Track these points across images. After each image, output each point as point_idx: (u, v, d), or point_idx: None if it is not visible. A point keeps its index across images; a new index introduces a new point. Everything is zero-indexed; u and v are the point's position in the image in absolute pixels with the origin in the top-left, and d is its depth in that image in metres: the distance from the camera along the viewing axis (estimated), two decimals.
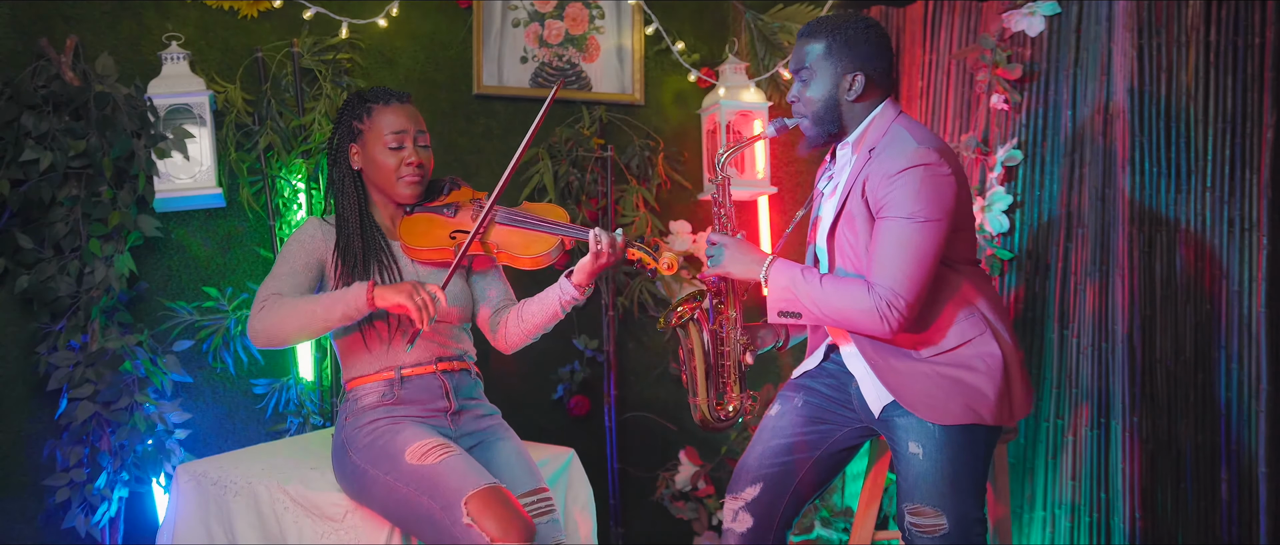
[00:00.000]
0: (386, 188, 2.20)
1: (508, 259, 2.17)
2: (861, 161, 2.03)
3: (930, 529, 1.98)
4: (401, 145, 2.17)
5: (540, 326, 2.22)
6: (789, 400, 2.23)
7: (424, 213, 2.23)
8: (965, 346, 2.00)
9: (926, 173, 1.93)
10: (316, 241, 2.16)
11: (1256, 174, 2.69)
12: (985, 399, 1.98)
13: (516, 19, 3.21)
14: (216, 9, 2.85)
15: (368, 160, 2.19)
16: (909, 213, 1.92)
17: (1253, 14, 2.68)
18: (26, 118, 2.50)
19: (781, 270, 2.03)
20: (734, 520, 2.18)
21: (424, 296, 1.97)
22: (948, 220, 1.95)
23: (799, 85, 2.11)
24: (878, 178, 1.96)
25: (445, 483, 1.91)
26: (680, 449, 3.35)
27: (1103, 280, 2.83)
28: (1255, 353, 2.69)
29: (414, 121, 2.20)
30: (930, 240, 1.93)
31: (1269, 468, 2.67)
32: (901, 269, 1.92)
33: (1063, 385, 2.92)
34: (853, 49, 2.05)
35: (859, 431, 2.19)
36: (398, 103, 2.20)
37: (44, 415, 2.63)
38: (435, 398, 2.16)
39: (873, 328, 1.95)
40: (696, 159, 3.42)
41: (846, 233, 2.04)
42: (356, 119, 2.19)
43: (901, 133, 2.01)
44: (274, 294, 2.06)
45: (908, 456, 2.02)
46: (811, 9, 3.35)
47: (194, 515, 2.24)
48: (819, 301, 1.98)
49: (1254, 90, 2.69)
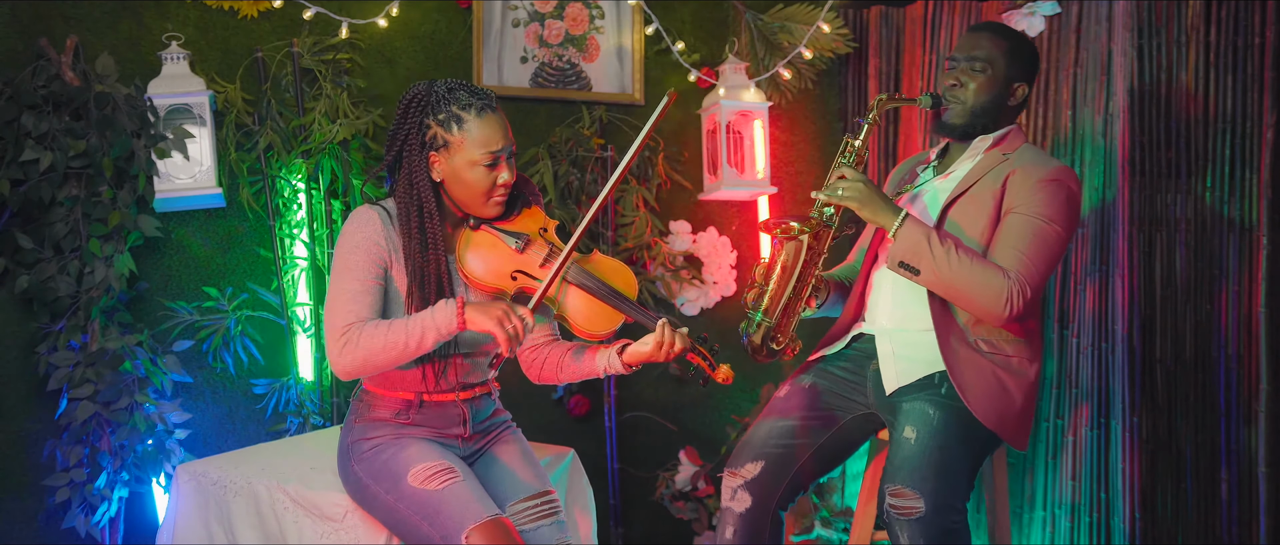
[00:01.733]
0: (471, 206, 2.00)
1: (562, 319, 2.02)
2: (994, 160, 2.18)
3: (907, 511, 1.98)
4: (496, 163, 1.96)
5: (572, 378, 2.13)
6: (801, 383, 2.27)
7: (490, 234, 2.02)
8: (1015, 360, 2.13)
9: (1070, 189, 2.12)
10: (380, 245, 1.95)
11: (1256, 174, 2.69)
12: (1012, 410, 2.10)
13: (516, 19, 3.21)
14: (216, 9, 2.85)
15: (452, 175, 1.96)
16: (1050, 216, 2.08)
17: (1253, 14, 2.68)
18: (26, 118, 2.50)
19: (916, 224, 2.09)
20: (733, 498, 2.18)
21: (516, 324, 1.84)
22: (1071, 238, 2.14)
23: (968, 73, 2.18)
24: (1024, 178, 2.11)
25: (448, 512, 1.86)
26: (680, 449, 3.35)
27: (1103, 280, 2.83)
28: (1255, 353, 2.69)
29: (507, 134, 1.98)
30: (1059, 247, 2.09)
31: (1269, 468, 2.67)
32: (1034, 262, 2.05)
33: (1063, 385, 2.92)
34: (1028, 62, 2.22)
35: (864, 420, 2.23)
36: (491, 112, 1.96)
37: (44, 415, 2.63)
38: (451, 424, 2.08)
39: (992, 307, 2.04)
40: (696, 159, 3.42)
41: (967, 208, 2.15)
42: (444, 127, 1.94)
43: (1037, 150, 2.21)
44: (354, 324, 1.90)
45: (900, 440, 2.06)
46: (811, 9, 3.35)
47: (194, 515, 2.24)
48: (949, 264, 2.04)
49: (1254, 90, 2.69)
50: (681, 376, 3.38)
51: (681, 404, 3.40)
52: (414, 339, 1.87)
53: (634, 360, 2.04)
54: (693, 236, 3.39)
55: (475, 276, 1.99)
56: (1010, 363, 2.12)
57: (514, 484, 2.05)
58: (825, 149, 3.58)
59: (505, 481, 2.06)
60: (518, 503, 2.02)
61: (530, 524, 1.99)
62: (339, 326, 1.90)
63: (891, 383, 2.17)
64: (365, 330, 1.89)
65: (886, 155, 3.51)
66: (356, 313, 1.91)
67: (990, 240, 2.12)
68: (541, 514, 2.01)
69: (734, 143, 3.30)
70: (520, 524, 1.98)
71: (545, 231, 2.06)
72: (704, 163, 3.40)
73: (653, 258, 3.30)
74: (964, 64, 2.19)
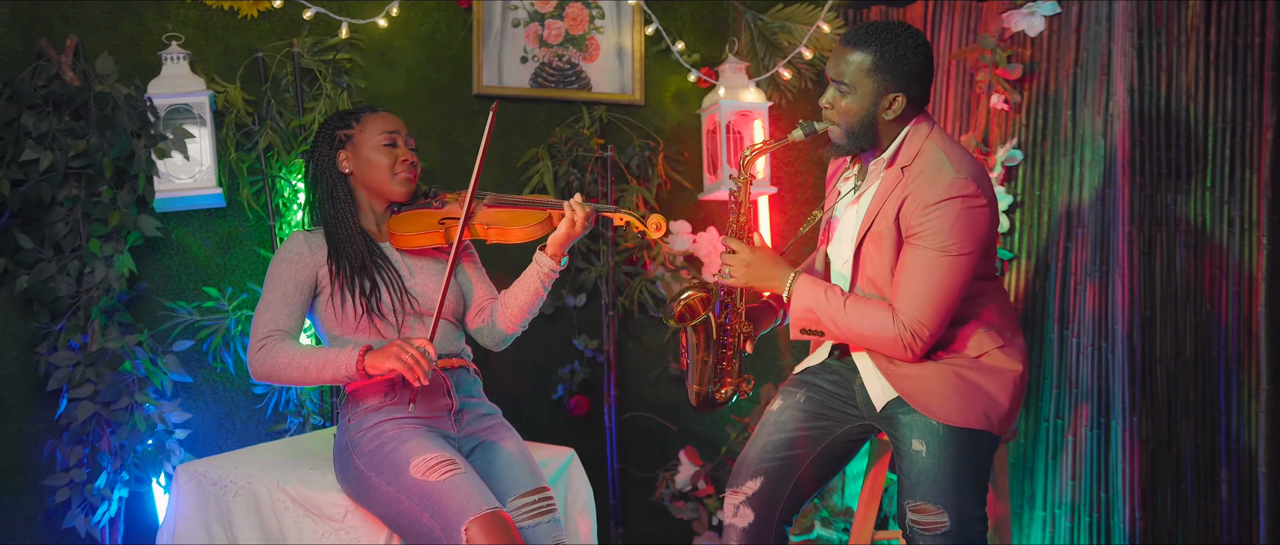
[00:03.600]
0: (381, 185, 2.22)
1: (499, 235, 2.19)
2: (893, 180, 2.02)
3: (932, 527, 1.99)
4: (394, 142, 2.22)
5: (525, 309, 2.22)
6: (791, 396, 2.24)
7: (411, 209, 2.27)
8: (984, 357, 2.05)
9: (963, 206, 1.94)
10: (304, 259, 2.14)
11: (1256, 174, 2.69)
12: (999, 407, 2.04)
13: (516, 19, 3.21)
14: (216, 9, 2.84)
15: (360, 162, 2.22)
16: (942, 245, 1.94)
17: (1253, 14, 2.68)
18: (26, 118, 2.50)
19: (805, 289, 2.03)
20: (735, 515, 2.17)
21: (413, 353, 1.93)
22: (979, 251, 1.99)
23: (835, 93, 2.05)
24: (914, 204, 1.96)
25: (448, 502, 1.90)
26: (680, 449, 3.35)
27: (1103, 280, 2.83)
28: (1255, 353, 2.69)
29: (401, 125, 2.27)
30: (960, 274, 1.96)
31: (1269, 468, 2.67)
32: (928, 300, 1.95)
33: (1063, 385, 2.92)
34: (898, 68, 1.99)
35: (860, 429, 2.20)
36: (383, 110, 2.28)
37: (44, 415, 2.63)
38: (437, 395, 2.15)
39: (894, 353, 2.00)
40: (696, 159, 3.42)
41: (872, 251, 2.05)
42: (344, 127, 2.23)
43: (937, 155, 1.99)
44: (272, 333, 2.06)
45: (911, 454, 2.03)
46: (811, 9, 3.36)
47: (194, 515, 2.24)
48: (842, 323, 2.01)
49: (1254, 90, 2.69)
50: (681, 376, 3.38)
51: (681, 404, 3.40)
52: (314, 367, 2.00)
53: (555, 248, 2.17)
54: (693, 236, 3.39)
55: (406, 237, 2.19)
56: (978, 362, 2.04)
57: (511, 480, 2.07)
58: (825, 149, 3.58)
59: (503, 477, 2.08)
60: (515, 498, 2.04)
61: (527, 521, 2.01)
62: (259, 334, 2.07)
63: (879, 399, 2.11)
64: (281, 345, 2.04)
65: None
66: (276, 322, 2.08)
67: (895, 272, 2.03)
68: (538, 511, 2.03)
69: (734, 143, 3.30)
70: (517, 520, 2.00)
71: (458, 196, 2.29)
72: (704, 163, 3.40)
73: (653, 258, 3.30)
74: (831, 85, 2.07)
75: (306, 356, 2.02)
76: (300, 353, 2.02)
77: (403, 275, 2.19)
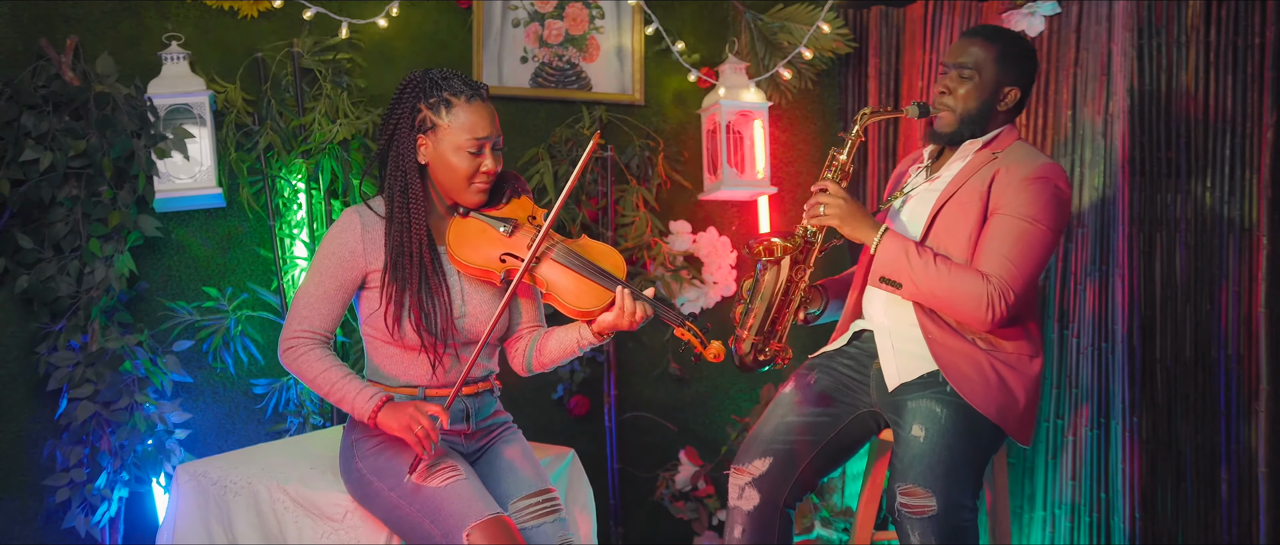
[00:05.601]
0: (453, 191, 2.04)
1: (552, 301, 2.04)
2: (983, 159, 2.16)
3: (919, 509, 1.99)
4: (481, 150, 2.01)
5: (555, 361, 2.13)
6: (803, 378, 2.28)
7: (478, 220, 2.06)
8: (1014, 355, 2.12)
9: (1056, 188, 2.08)
10: (356, 258, 2.01)
11: (1256, 174, 2.69)
12: (1015, 406, 2.09)
13: (516, 19, 3.21)
14: (216, 9, 2.85)
15: (438, 159, 2.01)
16: (1034, 216, 2.04)
17: (1253, 14, 2.68)
18: (26, 118, 2.50)
19: (895, 239, 2.09)
20: (740, 497, 2.18)
21: (425, 425, 1.88)
22: (1059, 237, 2.09)
23: (956, 80, 2.16)
24: (1009, 177, 2.08)
25: (450, 509, 1.88)
26: (680, 449, 3.35)
27: (1103, 280, 2.83)
28: (1255, 353, 2.69)
29: (494, 124, 2.03)
30: (1046, 246, 2.06)
31: (1269, 468, 2.67)
32: (1018, 266, 2.03)
33: (1063, 385, 2.92)
34: (1019, 65, 2.17)
35: (865, 420, 2.23)
36: (480, 100, 2.01)
37: (44, 415, 2.63)
38: (455, 420, 2.08)
39: (975, 313, 2.04)
40: (696, 159, 3.42)
41: (953, 214, 2.13)
42: (433, 110, 1.99)
43: (1030, 148, 2.17)
44: (304, 336, 2.00)
45: (908, 439, 2.05)
46: (811, 9, 3.35)
47: (194, 515, 2.24)
48: (929, 276, 2.05)
49: (1254, 90, 2.69)
50: (681, 376, 3.38)
51: (681, 404, 3.40)
52: (333, 394, 1.98)
53: (603, 329, 2.04)
54: (693, 236, 3.39)
55: (463, 260, 2.02)
56: (1008, 357, 2.11)
57: (515, 482, 2.06)
58: (825, 149, 3.58)
59: (506, 480, 2.07)
60: (519, 501, 2.03)
61: (532, 522, 2.00)
62: (294, 330, 2.01)
63: (893, 379, 2.16)
64: (309, 354, 1.99)
65: (886, 155, 3.51)
66: (310, 323, 2.01)
67: (978, 242, 2.11)
68: (543, 512, 2.02)
69: (734, 143, 3.30)
70: (521, 522, 1.99)
71: (533, 219, 2.10)
72: (704, 163, 3.40)
73: (653, 258, 3.30)
74: (953, 71, 2.17)
75: (327, 379, 1.98)
76: (322, 373, 1.98)
77: (454, 300, 2.06)
